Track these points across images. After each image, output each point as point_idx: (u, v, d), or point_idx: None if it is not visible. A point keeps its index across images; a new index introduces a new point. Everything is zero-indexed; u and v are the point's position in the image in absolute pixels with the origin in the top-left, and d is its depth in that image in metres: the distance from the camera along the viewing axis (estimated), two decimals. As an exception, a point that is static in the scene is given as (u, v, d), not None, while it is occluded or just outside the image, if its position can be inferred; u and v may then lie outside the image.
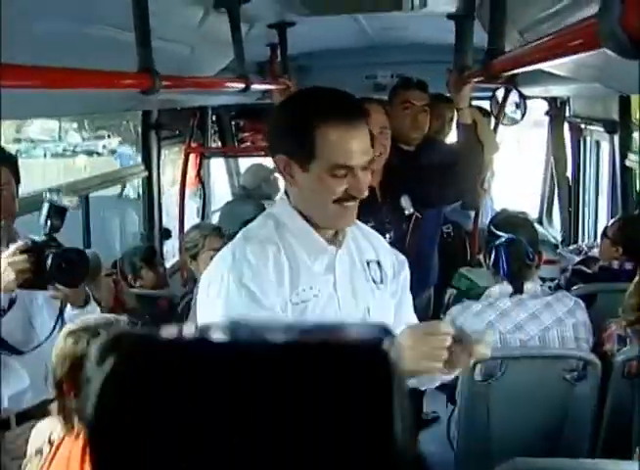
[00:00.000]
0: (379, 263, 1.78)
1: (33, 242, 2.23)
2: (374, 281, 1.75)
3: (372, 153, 1.65)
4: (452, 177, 2.94)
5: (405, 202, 2.93)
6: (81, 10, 1.60)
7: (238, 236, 1.68)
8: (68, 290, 2.32)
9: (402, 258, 1.88)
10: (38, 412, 2.26)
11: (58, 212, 2.23)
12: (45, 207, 2.21)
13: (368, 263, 1.76)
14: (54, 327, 2.37)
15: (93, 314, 2.32)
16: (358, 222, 1.79)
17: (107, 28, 1.85)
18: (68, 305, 2.39)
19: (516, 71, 1.35)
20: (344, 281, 1.70)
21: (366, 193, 1.61)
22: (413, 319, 1.85)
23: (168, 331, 0.46)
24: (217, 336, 0.45)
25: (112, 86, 1.54)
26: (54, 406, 2.03)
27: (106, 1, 1.63)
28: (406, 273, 1.86)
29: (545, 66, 1.09)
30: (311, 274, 1.64)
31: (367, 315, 1.70)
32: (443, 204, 3.53)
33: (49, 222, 2.23)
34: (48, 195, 2.21)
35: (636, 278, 2.75)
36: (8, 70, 1.17)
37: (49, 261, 2.22)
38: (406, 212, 2.92)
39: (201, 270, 2.90)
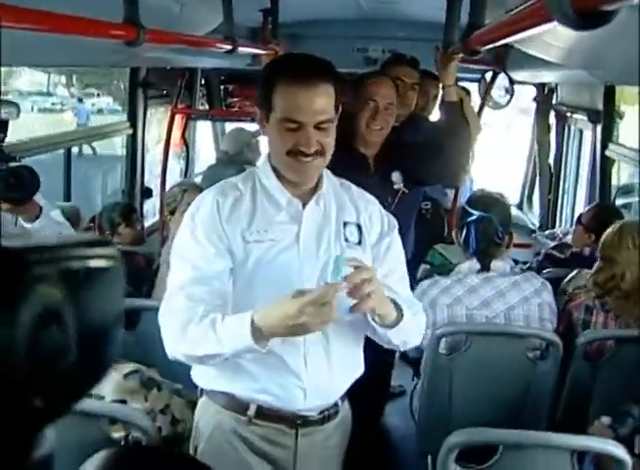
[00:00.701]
0: (359, 226, 1.89)
1: None
2: (346, 240, 1.86)
3: (330, 114, 1.75)
4: (440, 155, 2.96)
5: (396, 177, 2.95)
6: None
7: None
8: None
9: (393, 223, 1.96)
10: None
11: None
12: None
13: (345, 224, 1.87)
14: None
15: (46, 229, 2.33)
16: (352, 185, 1.96)
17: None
18: (20, 220, 2.40)
19: (490, 46, 1.38)
20: (310, 233, 1.84)
21: (316, 148, 1.74)
22: (403, 291, 1.91)
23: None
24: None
25: (95, 34, 1.55)
26: None
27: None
28: (391, 240, 1.93)
29: (516, 39, 1.11)
30: (270, 221, 1.82)
31: (326, 267, 1.76)
32: (433, 182, 3.56)
33: None
34: None
35: (604, 253, 2.81)
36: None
37: None
38: (395, 187, 2.95)
39: (177, 224, 2.93)
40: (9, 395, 0.40)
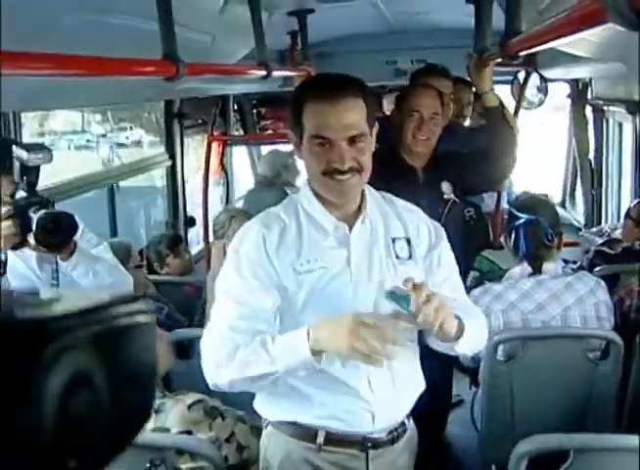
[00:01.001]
0: (408, 240, 1.85)
1: (16, 204, 2.23)
2: (397, 257, 1.83)
3: (361, 128, 1.72)
4: (489, 162, 2.94)
5: (445, 187, 2.94)
6: (104, 0, 1.63)
7: None
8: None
9: (441, 233, 1.93)
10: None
11: (30, 169, 2.23)
12: (16, 165, 2.19)
13: (394, 240, 1.84)
14: (56, 284, 2.42)
15: (81, 264, 2.37)
16: (395, 198, 1.92)
17: (129, 18, 1.88)
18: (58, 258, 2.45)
19: (532, 51, 1.37)
20: (361, 256, 1.80)
21: (350, 165, 1.71)
22: (460, 298, 1.89)
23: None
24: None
25: (135, 74, 1.58)
26: None
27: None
28: (441, 249, 1.90)
29: (560, 44, 1.10)
30: (319, 248, 1.78)
31: (380, 289, 1.77)
32: (482, 189, 3.54)
33: (24, 179, 2.23)
34: (16, 152, 2.18)
35: None
36: (31, 58, 1.20)
37: (34, 224, 2.25)
38: (445, 197, 2.94)
39: (213, 257, 2.95)
40: (41, 458, 0.39)
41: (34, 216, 2.25)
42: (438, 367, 2.89)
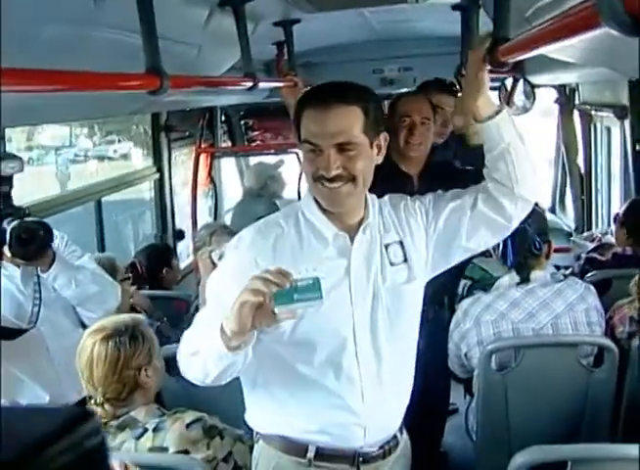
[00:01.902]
0: (401, 243, 1.84)
1: None
2: (391, 264, 1.82)
3: (352, 136, 1.69)
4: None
5: None
6: (86, 13, 1.61)
7: None
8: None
9: (421, 201, 1.92)
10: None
11: (3, 179, 2.22)
12: None
13: (387, 247, 1.83)
14: (39, 298, 2.39)
15: (62, 274, 2.34)
16: (386, 198, 1.91)
17: (112, 31, 1.86)
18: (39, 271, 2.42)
19: (521, 58, 1.35)
20: (360, 266, 1.79)
21: (337, 172, 1.68)
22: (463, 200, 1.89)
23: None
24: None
25: (119, 88, 1.55)
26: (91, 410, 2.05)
27: (110, 3, 1.64)
28: (432, 205, 1.90)
29: (550, 50, 1.09)
30: (317, 257, 1.74)
31: (377, 298, 1.78)
32: None
33: None
34: None
35: None
36: (14, 74, 1.18)
37: (7, 235, 2.22)
38: None
39: (200, 268, 2.91)
40: None
41: (8, 228, 2.22)
42: (435, 376, 2.88)
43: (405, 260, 1.84)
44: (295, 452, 1.82)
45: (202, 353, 1.63)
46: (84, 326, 2.66)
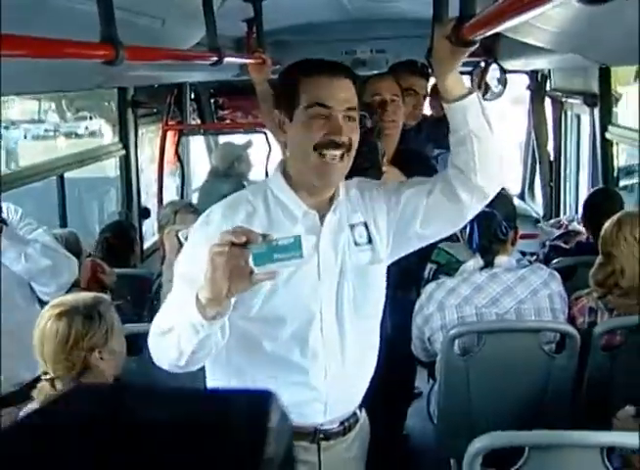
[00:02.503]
0: (366, 225, 1.85)
1: None
2: (356, 244, 1.83)
3: (355, 104, 1.74)
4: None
5: None
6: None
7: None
8: None
9: (391, 184, 1.94)
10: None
11: None
12: None
13: (352, 227, 1.84)
14: None
15: (10, 249, 2.29)
16: (354, 180, 1.91)
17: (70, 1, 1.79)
18: None
19: (486, 34, 1.32)
20: (328, 243, 1.79)
21: (345, 139, 1.69)
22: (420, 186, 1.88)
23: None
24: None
25: (72, 56, 1.49)
26: (38, 391, 2.00)
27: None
28: (395, 192, 1.88)
29: (515, 23, 1.05)
30: (287, 234, 1.65)
31: (343, 276, 1.80)
32: None
33: None
34: None
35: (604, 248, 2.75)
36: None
37: None
38: None
39: (165, 246, 2.86)
40: None
41: None
42: (400, 359, 2.86)
43: (369, 242, 1.85)
44: None
45: (175, 329, 1.57)
46: (42, 302, 2.60)
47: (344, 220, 1.83)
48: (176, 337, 1.57)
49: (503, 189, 3.69)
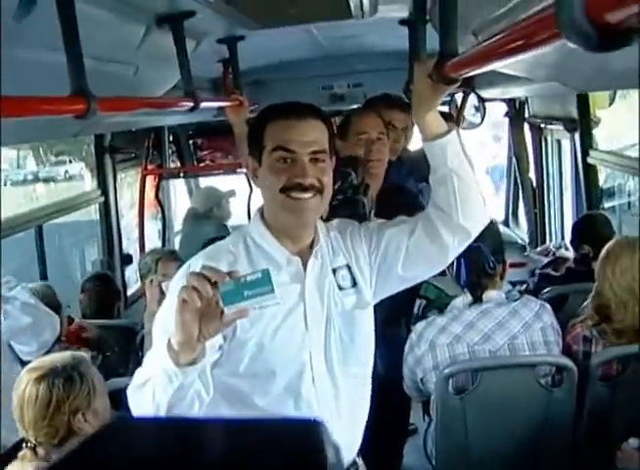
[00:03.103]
0: (349, 267, 1.81)
1: None
2: (340, 288, 1.79)
3: (324, 146, 1.71)
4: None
5: None
6: (5, 31, 1.50)
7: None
8: None
9: (372, 224, 1.89)
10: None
11: None
12: None
13: (334, 271, 1.79)
14: None
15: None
16: (333, 223, 1.88)
17: (39, 52, 1.74)
18: None
19: (471, 74, 1.29)
20: (313, 290, 1.75)
21: (312, 181, 1.67)
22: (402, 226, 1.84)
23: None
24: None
25: (44, 112, 1.44)
26: (19, 460, 1.92)
27: (32, 21, 1.53)
28: (375, 233, 1.84)
29: (500, 66, 1.02)
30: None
31: (330, 323, 1.75)
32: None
33: None
34: None
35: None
36: None
37: None
38: None
39: (147, 296, 2.80)
40: None
41: None
42: (394, 397, 2.80)
43: (354, 285, 1.81)
44: None
45: (150, 381, 1.50)
46: (23, 363, 2.52)
47: (327, 264, 1.79)
48: (151, 389, 1.50)
49: (491, 221, 3.67)
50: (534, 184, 5.57)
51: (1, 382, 2.40)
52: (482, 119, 4.86)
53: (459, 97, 4.70)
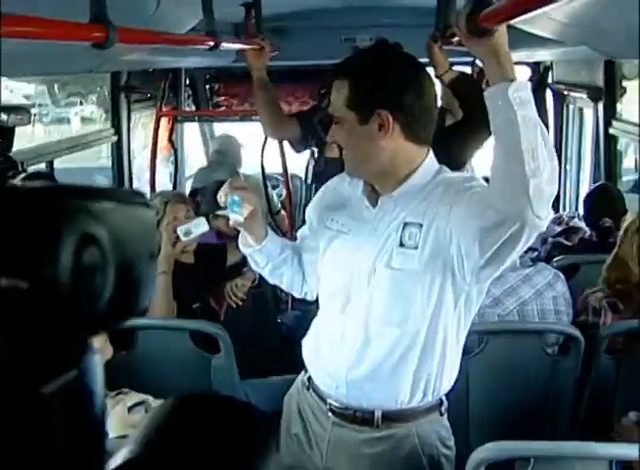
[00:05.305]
0: (420, 226, 1.72)
1: None
2: (402, 244, 1.74)
3: (337, 110, 1.77)
4: (465, 132, 2.85)
5: None
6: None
7: None
8: None
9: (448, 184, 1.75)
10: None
11: (5, 132, 2.28)
12: None
13: (405, 225, 1.74)
14: None
15: None
16: (448, 173, 1.81)
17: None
18: None
19: (504, 24, 1.23)
20: (373, 234, 1.79)
21: (330, 140, 1.82)
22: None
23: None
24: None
25: (61, 37, 1.39)
26: None
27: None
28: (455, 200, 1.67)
29: (536, 15, 0.96)
30: (348, 215, 1.87)
31: (372, 272, 1.78)
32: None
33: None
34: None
35: (615, 250, 2.67)
36: None
37: None
38: None
39: (163, 240, 2.76)
40: (58, 305, 0.44)
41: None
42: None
43: (417, 247, 1.72)
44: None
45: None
46: None
47: (398, 214, 1.76)
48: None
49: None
50: (553, 152, 5.48)
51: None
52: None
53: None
